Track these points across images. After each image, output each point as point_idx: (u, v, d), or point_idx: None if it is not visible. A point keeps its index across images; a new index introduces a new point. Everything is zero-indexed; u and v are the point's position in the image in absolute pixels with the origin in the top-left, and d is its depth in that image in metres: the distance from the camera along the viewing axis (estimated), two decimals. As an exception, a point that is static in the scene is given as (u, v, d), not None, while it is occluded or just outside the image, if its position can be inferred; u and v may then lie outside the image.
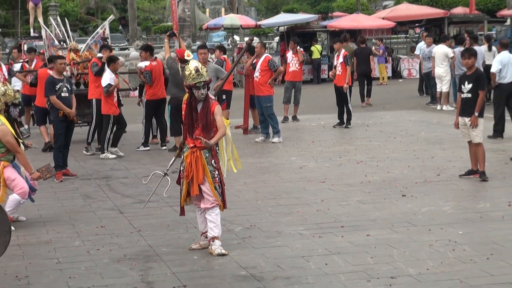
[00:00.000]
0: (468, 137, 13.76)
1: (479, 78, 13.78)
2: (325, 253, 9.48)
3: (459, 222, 10.76)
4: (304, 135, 20.01)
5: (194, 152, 9.56)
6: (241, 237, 10.36)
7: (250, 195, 12.92)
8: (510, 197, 12.08)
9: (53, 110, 15.24)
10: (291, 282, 8.43)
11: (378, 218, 11.13)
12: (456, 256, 9.18)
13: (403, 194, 12.59)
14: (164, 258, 9.52)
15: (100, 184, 14.47)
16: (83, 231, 11.01)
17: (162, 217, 11.51)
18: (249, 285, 8.40)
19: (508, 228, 10.36)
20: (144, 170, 15.39)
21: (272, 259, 9.29)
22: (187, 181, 9.61)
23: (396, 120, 22.47)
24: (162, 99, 18.61)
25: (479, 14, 46.02)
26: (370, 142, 18.38)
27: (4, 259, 8.16)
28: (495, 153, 15.78)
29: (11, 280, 8.82)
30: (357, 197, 12.53)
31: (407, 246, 9.63)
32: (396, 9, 47.65)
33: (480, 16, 45.71)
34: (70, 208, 12.58)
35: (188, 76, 9.54)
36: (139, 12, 69.32)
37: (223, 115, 9.93)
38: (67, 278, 8.83)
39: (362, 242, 9.92)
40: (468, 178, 13.65)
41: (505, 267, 8.70)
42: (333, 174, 14.50)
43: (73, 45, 20.68)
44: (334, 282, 8.39)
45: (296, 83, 22.58)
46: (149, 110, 18.64)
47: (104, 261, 9.50)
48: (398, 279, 8.41)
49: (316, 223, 10.96)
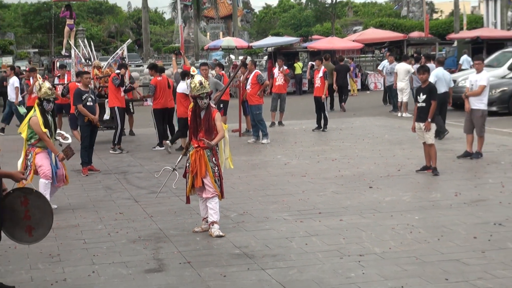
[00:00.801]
0: (422, 139, 13.81)
1: (431, 90, 13.83)
2: (305, 235, 9.48)
3: (416, 209, 10.77)
4: (288, 137, 20.00)
5: (198, 151, 9.59)
6: (236, 221, 10.35)
7: (243, 187, 12.91)
8: (456, 189, 12.12)
9: (80, 116, 15.23)
10: (277, 259, 8.43)
11: (349, 206, 11.14)
12: (413, 237, 9.20)
13: (370, 186, 12.60)
14: (172, 239, 9.51)
15: (119, 177, 14.45)
16: (104, 216, 11.00)
17: (171, 205, 11.50)
18: (242, 262, 8.40)
19: (455, 214, 10.38)
20: (156, 166, 15.36)
21: (261, 240, 9.29)
22: (192, 175, 9.64)
23: (364, 125, 22.48)
24: (167, 108, 18.60)
25: (432, 37, 46.28)
26: (343, 143, 18.39)
27: (41, 241, 8.14)
28: (445, 152, 15.82)
29: (45, 257, 8.81)
30: (332, 189, 12.54)
31: (373, 229, 9.64)
32: (364, 33, 47.88)
33: (432, 39, 45.97)
34: (94, 197, 12.56)
35: (193, 88, 9.57)
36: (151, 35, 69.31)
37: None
38: (92, 256, 8.82)
39: (336, 225, 9.92)
40: (423, 173, 13.68)
41: (453, 246, 8.73)
42: (312, 170, 14.50)
43: (97, 62, 20.67)
44: (313, 259, 8.39)
45: (282, 94, 22.58)
46: (157, 116, 18.72)
47: (122, 242, 9.49)
48: (366, 256, 8.42)
49: (298, 210, 10.96)
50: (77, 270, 8.26)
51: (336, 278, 7.66)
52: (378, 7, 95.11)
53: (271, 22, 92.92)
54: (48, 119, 11.32)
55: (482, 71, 15.50)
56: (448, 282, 7.43)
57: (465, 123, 15.55)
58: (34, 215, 7.65)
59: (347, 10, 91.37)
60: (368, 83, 40.50)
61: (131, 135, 21.23)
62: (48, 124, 11.25)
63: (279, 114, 22.76)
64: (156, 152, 17.89)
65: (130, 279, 7.91)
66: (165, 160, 16.10)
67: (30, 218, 7.64)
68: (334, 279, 7.65)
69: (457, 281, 7.45)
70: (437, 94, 14.28)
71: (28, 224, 7.65)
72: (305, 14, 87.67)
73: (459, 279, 7.51)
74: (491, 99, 18.33)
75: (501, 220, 9.94)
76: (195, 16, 66.21)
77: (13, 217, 7.56)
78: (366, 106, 29.89)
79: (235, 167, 11.16)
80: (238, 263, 8.34)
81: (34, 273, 8.24)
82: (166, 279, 7.85)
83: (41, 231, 7.76)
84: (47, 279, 7.99)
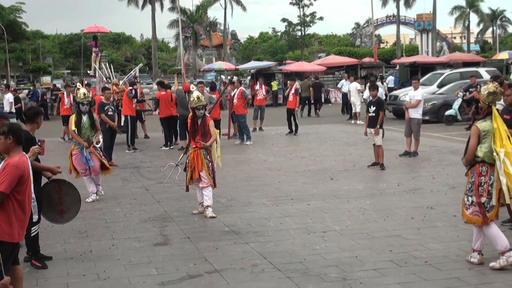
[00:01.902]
0: (372, 141, 13.85)
1: (380, 103, 13.89)
2: (280, 216, 9.48)
3: (367, 196, 10.80)
4: (267, 140, 19.97)
5: (196, 150, 9.61)
6: (225, 205, 10.33)
7: (231, 179, 12.88)
8: (398, 180, 12.16)
9: (102, 123, 15.14)
10: (258, 235, 8.42)
11: (315, 194, 11.14)
12: (365, 218, 9.22)
13: (331, 178, 12.61)
14: (175, 219, 9.48)
15: (133, 171, 14.37)
16: (121, 202, 10.94)
17: (174, 193, 11.46)
18: (230, 237, 8.38)
19: (397, 199, 10.42)
20: (162, 162, 15.28)
21: (246, 220, 9.27)
22: (191, 169, 9.66)
23: (327, 130, 22.48)
24: (171, 116, 18.50)
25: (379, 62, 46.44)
26: (310, 144, 18.39)
27: (72, 221, 8.10)
28: (390, 151, 15.85)
29: (76, 234, 8.77)
30: (302, 180, 12.54)
31: (334, 212, 9.65)
32: (327, 59, 48.06)
33: (380, 63, 46.21)
34: (113, 186, 12.49)
35: (192, 102, 9.60)
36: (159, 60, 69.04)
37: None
38: (112, 233, 8.79)
39: (304, 209, 9.93)
40: (373, 168, 13.71)
41: (395, 225, 8.76)
42: (286, 165, 14.49)
43: (115, 81, 20.63)
44: (286, 235, 8.39)
45: (262, 106, 22.55)
46: (162, 123, 18.67)
47: (135, 221, 9.45)
48: (328, 233, 8.44)
49: (274, 196, 10.95)
50: (100, 244, 8.23)
51: (304, 250, 7.67)
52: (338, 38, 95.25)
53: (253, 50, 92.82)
54: (82, 120, 10.95)
55: (418, 88, 15.57)
56: (392, 253, 7.46)
57: (405, 128, 15.62)
58: (66, 201, 7.66)
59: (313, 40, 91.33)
60: (329, 97, 40.56)
61: (145, 138, 21.08)
62: (80, 123, 10.90)
63: (259, 122, 22.74)
64: (162, 151, 17.79)
65: (142, 250, 7.88)
66: (169, 158, 16.03)
67: (63, 203, 7.64)
68: (303, 250, 7.65)
69: (398, 252, 7.49)
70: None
71: (61, 208, 7.65)
72: (280, 43, 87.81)
73: (400, 250, 7.54)
74: (424, 110, 18.39)
75: (432, 204, 9.99)
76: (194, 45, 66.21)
77: (49, 202, 7.55)
78: (328, 115, 29.93)
79: (224, 163, 11.17)
80: (227, 238, 8.33)
81: (67, 246, 8.21)
82: (170, 251, 7.83)
83: (71, 214, 7.79)
84: (77, 251, 7.95)
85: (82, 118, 10.99)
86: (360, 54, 60.58)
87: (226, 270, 7.01)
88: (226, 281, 6.67)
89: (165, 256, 7.60)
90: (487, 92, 6.81)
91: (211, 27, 69.10)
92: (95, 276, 6.96)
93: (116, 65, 69.75)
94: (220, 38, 75.21)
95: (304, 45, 73.35)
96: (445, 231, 8.34)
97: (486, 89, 6.85)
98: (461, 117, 22.39)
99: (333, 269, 6.93)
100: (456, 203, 9.97)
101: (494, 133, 6.69)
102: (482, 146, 6.75)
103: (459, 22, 78.13)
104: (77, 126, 10.90)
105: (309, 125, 24.80)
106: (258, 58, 74.42)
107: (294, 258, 7.37)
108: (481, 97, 6.86)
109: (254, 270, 6.98)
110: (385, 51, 67.77)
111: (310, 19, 70.27)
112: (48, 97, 33.77)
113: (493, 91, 6.80)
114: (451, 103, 22.86)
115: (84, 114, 11.03)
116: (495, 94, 6.80)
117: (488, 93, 6.80)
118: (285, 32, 77.29)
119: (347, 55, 55.79)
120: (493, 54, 54.29)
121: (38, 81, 54.24)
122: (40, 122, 7.63)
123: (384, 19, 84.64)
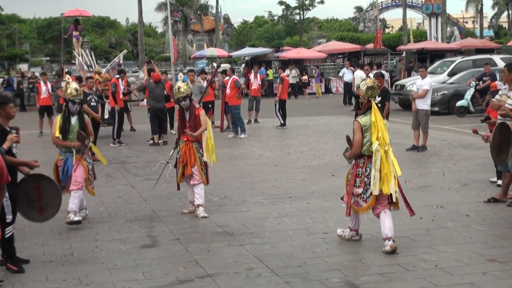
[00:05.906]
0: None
1: (386, 93, 13.89)
2: (278, 216, 9.46)
3: (371, 194, 10.77)
4: (263, 133, 19.98)
5: (188, 144, 9.64)
6: (218, 204, 10.32)
7: (224, 175, 12.86)
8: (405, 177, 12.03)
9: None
10: (253, 236, 8.41)
11: (315, 191, 11.14)
12: (369, 218, 9.11)
13: (333, 174, 12.61)
14: (164, 219, 9.46)
15: (118, 167, 14.33)
16: (105, 200, 10.92)
17: (162, 191, 11.42)
18: (223, 239, 8.36)
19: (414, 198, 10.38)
20: (149, 157, 15.29)
21: (240, 220, 9.26)
22: (182, 165, 9.65)
23: (327, 122, 22.51)
24: None
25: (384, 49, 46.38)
26: (310, 138, 18.39)
27: (52, 221, 8.09)
28: (396, 145, 15.74)
29: (56, 235, 8.74)
30: (301, 176, 12.53)
31: (335, 211, 9.64)
32: (327, 45, 48.05)
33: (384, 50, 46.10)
34: (96, 183, 12.34)
35: (174, 94, 9.75)
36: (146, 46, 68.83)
37: (210, 118, 9.98)
38: (95, 234, 8.76)
39: (304, 208, 9.92)
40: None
41: (403, 225, 8.70)
42: (283, 160, 14.48)
43: (97, 69, 20.64)
44: (284, 236, 8.38)
45: (257, 97, 22.59)
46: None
47: (121, 222, 9.42)
48: (329, 234, 8.43)
49: (271, 194, 10.94)
50: (82, 246, 8.20)
51: (304, 253, 7.65)
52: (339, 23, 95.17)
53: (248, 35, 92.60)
54: (71, 122, 9.28)
55: (426, 77, 15.57)
56: (398, 256, 7.45)
57: (412, 121, 15.62)
58: (45, 197, 7.68)
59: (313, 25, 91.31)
60: (330, 87, 40.56)
61: (132, 130, 21.03)
62: (68, 128, 9.24)
63: (254, 113, 22.74)
64: (149, 146, 17.75)
65: (127, 253, 7.85)
66: (156, 152, 16.02)
67: (42, 200, 7.66)
68: (302, 253, 7.64)
69: (406, 255, 7.48)
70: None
71: (40, 205, 7.70)
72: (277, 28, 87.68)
73: (408, 253, 7.54)
74: (433, 100, 18.39)
75: (442, 203, 9.99)
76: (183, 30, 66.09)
77: (27, 199, 7.56)
78: (329, 106, 29.95)
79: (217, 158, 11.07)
80: (220, 240, 8.31)
81: (46, 248, 8.18)
82: (158, 254, 7.80)
83: (51, 211, 7.82)
84: (57, 253, 7.92)
85: (71, 120, 9.30)
86: (363, 40, 60.57)
87: (219, 274, 6.99)
88: (218, 286, 6.65)
89: (153, 260, 7.57)
90: (366, 87, 7.65)
91: (202, 10, 69.07)
92: (76, 281, 6.92)
93: (100, 51, 69.66)
94: (212, 23, 75.00)
95: (303, 30, 73.33)
96: (457, 232, 8.34)
97: (365, 84, 7.69)
98: (474, 108, 22.42)
99: (335, 273, 6.92)
100: (469, 201, 10.00)
101: (372, 126, 7.59)
102: (364, 140, 7.66)
103: (471, 5, 77.90)
104: (62, 132, 9.21)
105: (308, 116, 24.81)
106: (253, 44, 74.29)
107: (292, 261, 7.34)
108: (361, 92, 7.68)
109: (249, 275, 6.96)
110: (390, 36, 67.71)
111: (310, 2, 70.27)
112: (25, 86, 33.65)
113: (371, 86, 7.65)
114: (463, 93, 22.85)
115: (73, 115, 9.34)
116: (373, 89, 7.65)
117: (367, 87, 7.65)
118: (283, 16, 77.30)
119: (349, 41, 55.74)
120: (508, 40, 54.29)
121: (14, 69, 54.05)
122: (9, 111, 7.28)
123: (389, 1, 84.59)
